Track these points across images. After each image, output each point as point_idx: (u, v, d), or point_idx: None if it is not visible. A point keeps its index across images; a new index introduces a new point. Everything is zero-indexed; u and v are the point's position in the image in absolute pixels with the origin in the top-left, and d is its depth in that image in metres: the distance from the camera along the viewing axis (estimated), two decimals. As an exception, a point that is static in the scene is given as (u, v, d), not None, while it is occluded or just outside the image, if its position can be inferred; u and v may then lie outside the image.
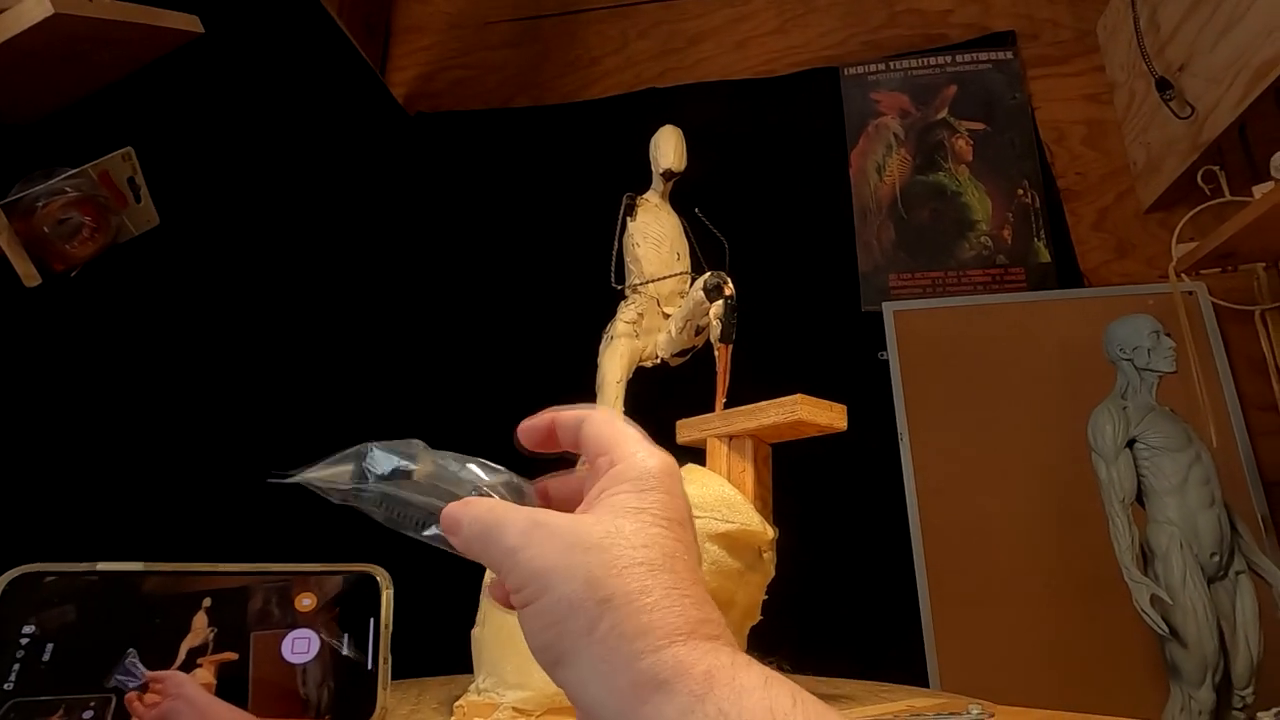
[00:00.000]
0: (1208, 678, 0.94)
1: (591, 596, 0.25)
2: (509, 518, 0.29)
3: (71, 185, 0.84)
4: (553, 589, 0.26)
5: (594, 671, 0.25)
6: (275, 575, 0.47)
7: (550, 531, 0.28)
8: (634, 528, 0.27)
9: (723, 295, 0.77)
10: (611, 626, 0.25)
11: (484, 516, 0.30)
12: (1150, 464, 1.03)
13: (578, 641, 0.25)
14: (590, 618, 0.25)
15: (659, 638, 0.25)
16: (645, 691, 0.24)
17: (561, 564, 0.26)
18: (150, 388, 1.02)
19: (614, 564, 0.26)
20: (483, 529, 0.29)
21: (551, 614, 0.26)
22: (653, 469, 0.30)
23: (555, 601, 0.26)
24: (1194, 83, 1.27)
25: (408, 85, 1.88)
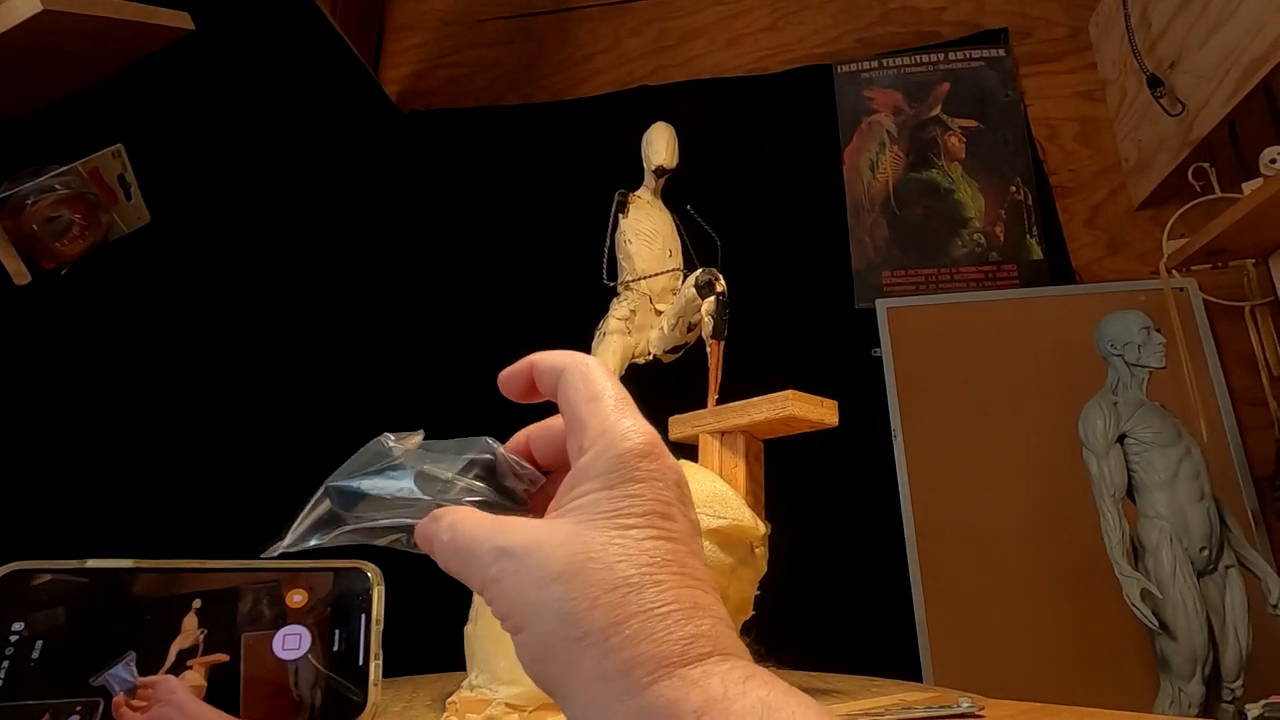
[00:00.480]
0: (1197, 671, 0.95)
1: (566, 635, 0.24)
2: (478, 542, 0.27)
3: (61, 183, 0.83)
4: (528, 627, 0.25)
5: (586, 712, 0.24)
6: (266, 572, 0.46)
7: (518, 563, 0.25)
8: (604, 540, 0.25)
9: (715, 292, 0.77)
10: (591, 668, 0.23)
11: (455, 539, 0.28)
12: (1141, 459, 1.04)
13: (561, 682, 0.24)
14: (569, 659, 0.24)
15: (644, 674, 0.23)
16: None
17: (531, 599, 0.25)
18: (141, 386, 1.02)
19: (584, 595, 0.24)
20: (460, 556, 0.27)
21: (531, 653, 0.25)
22: (629, 451, 0.27)
23: (534, 639, 0.24)
24: (1185, 80, 1.28)
25: (400, 83, 1.87)
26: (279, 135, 1.34)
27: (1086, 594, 1.18)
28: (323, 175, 1.45)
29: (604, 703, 0.23)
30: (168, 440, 1.04)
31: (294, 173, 1.37)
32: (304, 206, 1.39)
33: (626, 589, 0.24)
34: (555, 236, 1.53)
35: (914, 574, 1.28)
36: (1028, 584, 1.23)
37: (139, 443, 1.00)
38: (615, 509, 0.26)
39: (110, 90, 0.95)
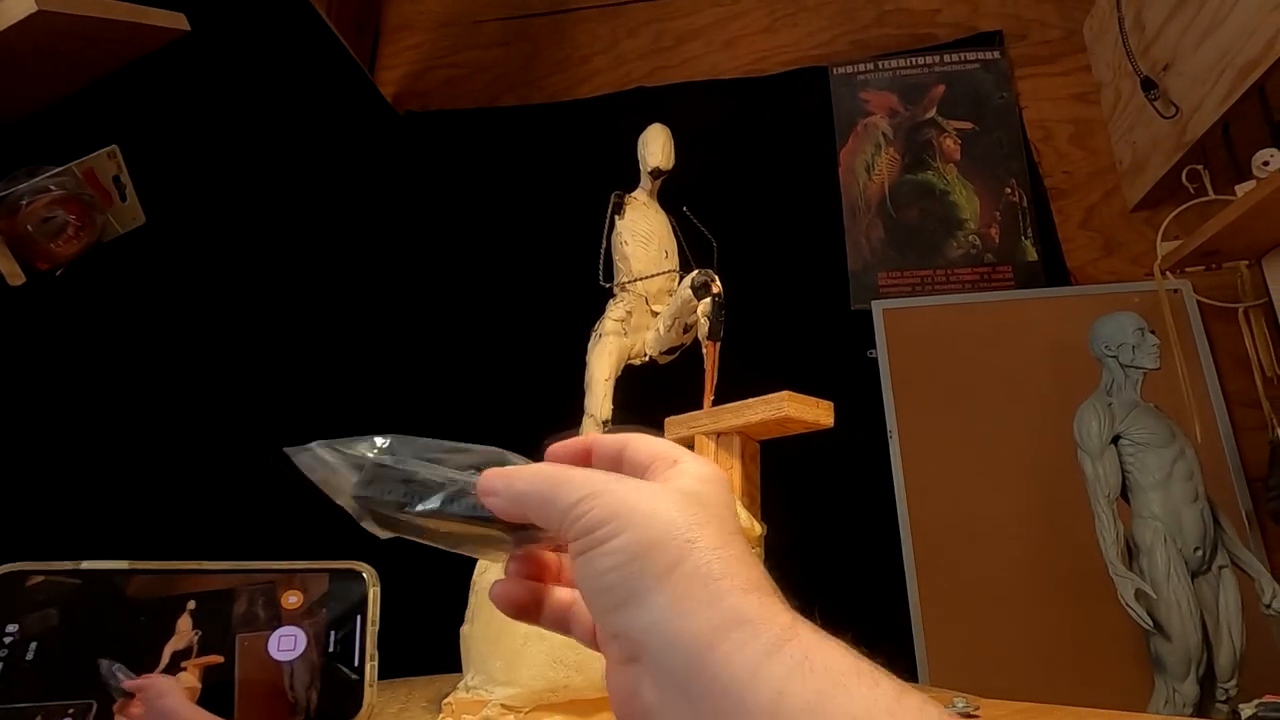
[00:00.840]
0: (1192, 671, 0.96)
1: (677, 537, 0.26)
2: (578, 470, 0.29)
3: (56, 183, 0.83)
4: (632, 528, 0.26)
5: (670, 610, 0.24)
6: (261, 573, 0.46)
7: (630, 482, 0.28)
8: (707, 497, 0.28)
9: (710, 293, 0.77)
10: (695, 567, 0.25)
11: (544, 471, 0.30)
12: (1135, 459, 1.04)
13: (654, 580, 0.25)
14: (673, 556, 0.25)
15: (742, 583, 0.25)
16: (726, 628, 0.24)
17: (642, 508, 0.27)
18: (136, 387, 1.02)
19: (695, 515, 0.26)
20: (543, 482, 0.29)
21: (627, 552, 0.26)
22: (711, 470, 0.30)
23: (634, 540, 0.26)
24: (1178, 82, 1.29)
25: (397, 84, 1.87)
26: (275, 136, 1.34)
27: (1081, 594, 1.18)
28: (318, 176, 1.45)
29: (700, 596, 0.24)
30: (163, 441, 1.04)
31: (290, 174, 1.37)
32: (300, 208, 1.39)
33: (726, 530, 0.27)
34: (551, 238, 1.53)
35: (910, 574, 1.28)
36: (1023, 584, 1.23)
37: (134, 444, 1.00)
38: (706, 493, 0.29)
39: (105, 91, 0.95)
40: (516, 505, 0.30)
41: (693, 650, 0.24)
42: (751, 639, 0.23)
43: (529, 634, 0.67)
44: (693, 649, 0.24)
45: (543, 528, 0.30)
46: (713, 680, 0.23)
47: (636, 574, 0.25)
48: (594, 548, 0.26)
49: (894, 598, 1.27)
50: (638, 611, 0.25)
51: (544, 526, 0.29)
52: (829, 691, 0.22)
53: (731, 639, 0.23)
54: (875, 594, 1.29)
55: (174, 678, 0.41)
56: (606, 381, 0.84)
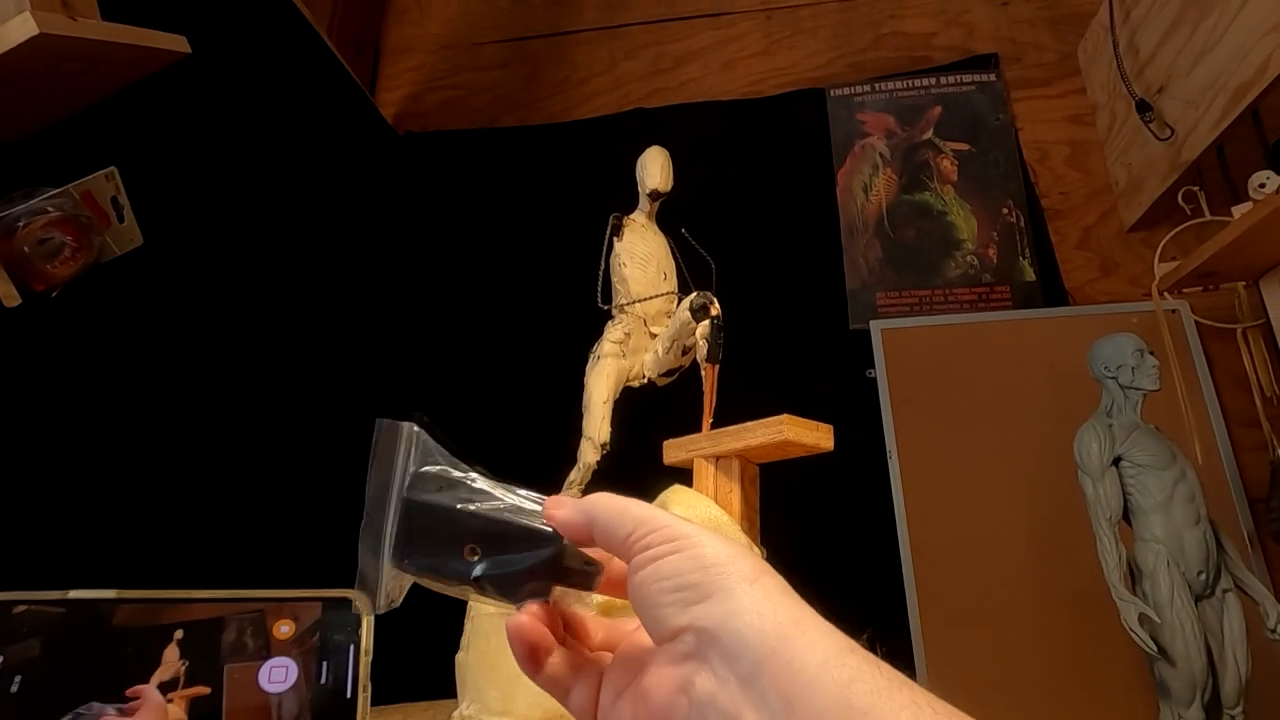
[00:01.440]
0: (1197, 696, 0.94)
1: (754, 556, 0.29)
2: (647, 509, 0.32)
3: (53, 205, 0.83)
4: (711, 541, 0.29)
5: (750, 608, 0.27)
6: (252, 602, 0.46)
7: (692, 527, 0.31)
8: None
9: (709, 315, 0.77)
10: (775, 582, 0.28)
11: (618, 501, 0.33)
12: (1136, 481, 1.04)
13: (739, 581, 0.27)
14: (754, 570, 0.28)
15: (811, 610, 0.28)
16: (805, 625, 0.26)
17: (718, 530, 0.31)
18: (133, 410, 1.01)
19: (753, 555, 0.30)
20: (618, 508, 0.32)
21: (712, 554, 0.28)
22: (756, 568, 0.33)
23: (720, 545, 0.29)
24: (1173, 105, 1.30)
25: (397, 105, 1.88)
26: (274, 157, 1.35)
27: (1083, 617, 1.17)
28: (319, 197, 1.45)
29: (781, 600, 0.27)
30: (159, 465, 1.03)
31: (290, 194, 1.37)
32: (300, 228, 1.39)
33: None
34: (550, 259, 1.54)
35: (910, 595, 1.26)
36: (1025, 606, 1.22)
37: (130, 467, 0.99)
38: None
39: (104, 112, 0.95)
40: (585, 513, 0.32)
41: (770, 639, 0.26)
42: (824, 638, 0.26)
43: (525, 661, 0.65)
44: (767, 639, 0.26)
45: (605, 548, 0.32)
46: (786, 666, 0.25)
47: (721, 574, 0.28)
48: (677, 552, 0.29)
49: (895, 618, 1.26)
50: (717, 605, 0.27)
51: (612, 537, 0.31)
52: (897, 684, 0.25)
53: (807, 635, 0.26)
54: (876, 615, 1.28)
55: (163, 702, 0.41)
56: (605, 404, 0.84)
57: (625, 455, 0.83)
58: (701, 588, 0.28)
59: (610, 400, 0.85)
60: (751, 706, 0.25)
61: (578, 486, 0.82)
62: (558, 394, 0.93)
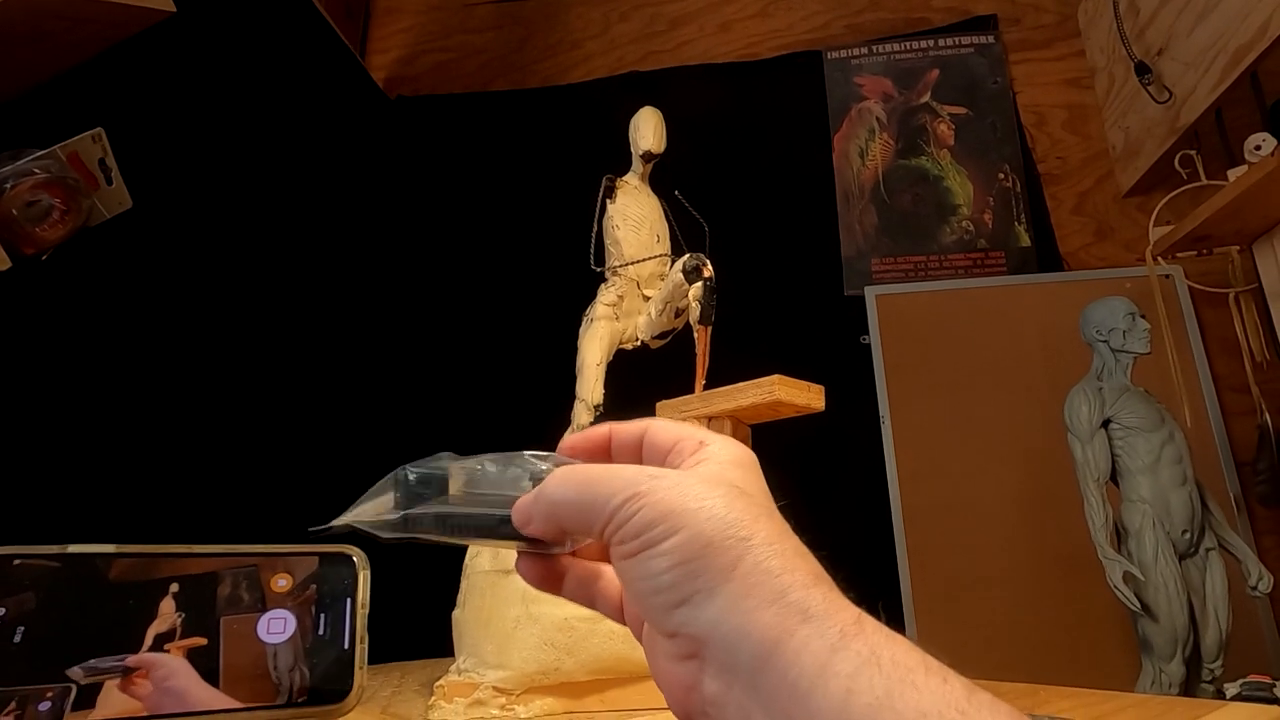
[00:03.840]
0: (1178, 651, 0.97)
1: (732, 535, 0.25)
2: (611, 471, 0.28)
3: (40, 167, 0.82)
4: (683, 529, 0.25)
5: (735, 607, 0.24)
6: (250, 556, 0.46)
7: (671, 480, 0.27)
8: (752, 488, 0.28)
9: (702, 277, 0.76)
10: (756, 563, 0.25)
11: (578, 476, 0.28)
12: (1124, 444, 1.05)
13: (715, 578, 0.25)
14: (733, 555, 0.25)
15: (804, 576, 0.25)
16: (793, 624, 0.23)
17: (692, 506, 0.26)
18: (123, 373, 1.01)
19: (746, 510, 0.26)
20: (579, 487, 0.28)
21: (684, 552, 0.25)
22: (743, 453, 0.30)
23: (689, 539, 0.25)
24: (1172, 67, 1.28)
25: (387, 68, 1.85)
26: (263, 119, 1.33)
27: (1071, 577, 1.19)
28: (308, 160, 1.44)
29: (764, 593, 0.24)
30: (149, 426, 1.03)
31: (279, 158, 1.36)
32: (289, 192, 1.38)
33: (777, 525, 0.27)
34: (543, 222, 1.53)
35: (901, 557, 1.29)
36: (1013, 567, 1.24)
37: (121, 429, 0.99)
38: (742, 480, 0.28)
39: (90, 73, 0.93)
40: (552, 520, 0.29)
41: (759, 647, 0.23)
42: (818, 635, 0.23)
43: (520, 618, 0.67)
44: (759, 646, 0.23)
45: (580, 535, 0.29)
46: (781, 677, 0.23)
47: (696, 573, 0.25)
48: (646, 549, 0.26)
49: (886, 580, 1.28)
50: (699, 610, 0.25)
51: (584, 534, 0.29)
52: (897, 688, 0.22)
53: (798, 635, 0.23)
54: (867, 576, 1.30)
55: (184, 658, 0.41)
56: (598, 366, 0.84)
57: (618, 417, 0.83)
58: (679, 588, 0.25)
59: (603, 362, 0.85)
60: (762, 711, 0.24)
61: (571, 448, 0.83)
62: (551, 357, 0.93)
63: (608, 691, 0.67)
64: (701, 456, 0.29)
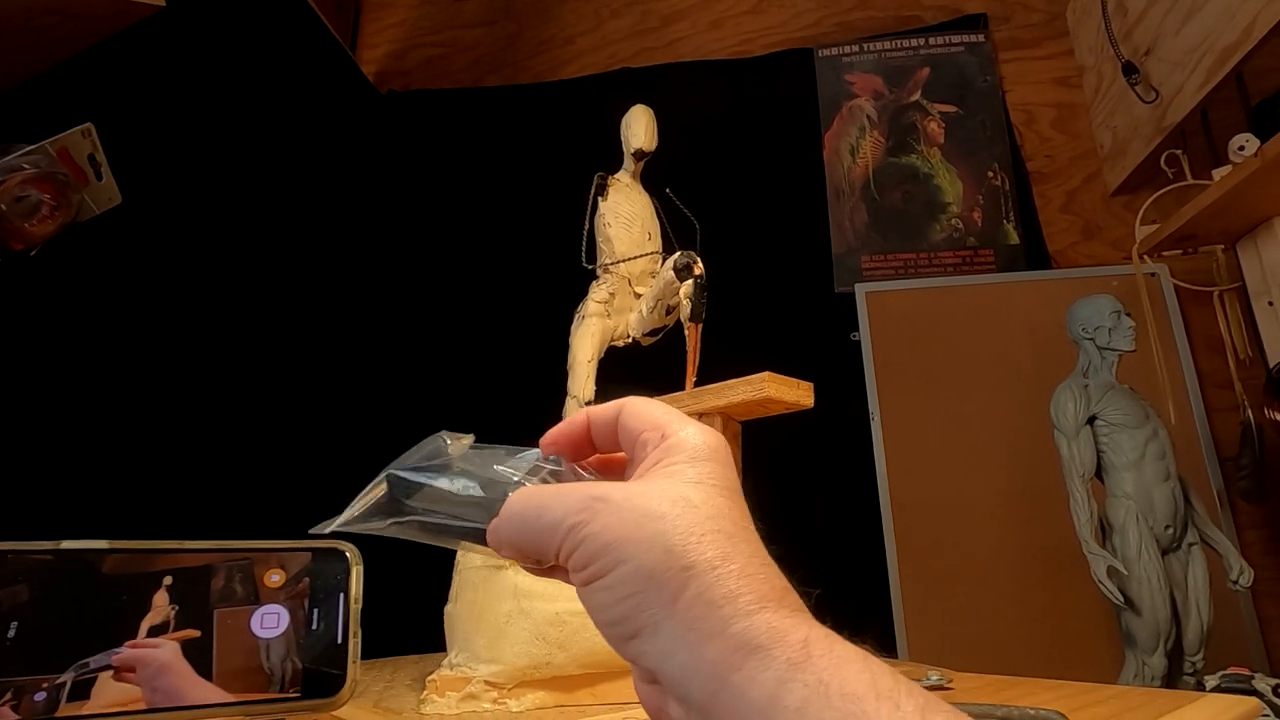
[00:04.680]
0: (1160, 644, 0.98)
1: (673, 565, 0.24)
2: (557, 497, 0.27)
3: (29, 162, 0.82)
4: (626, 561, 0.25)
5: (679, 641, 0.24)
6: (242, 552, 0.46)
7: (614, 505, 0.26)
8: (701, 496, 0.26)
9: (693, 275, 0.77)
10: (698, 594, 0.24)
11: (524, 504, 0.28)
12: (1109, 440, 1.06)
13: (659, 612, 0.24)
14: (674, 586, 0.24)
15: (749, 603, 0.24)
16: (738, 658, 0.23)
17: (634, 534, 0.25)
18: (113, 368, 1.01)
19: (690, 531, 0.25)
20: (521, 519, 0.28)
21: (627, 586, 0.25)
22: (706, 442, 0.29)
23: (632, 573, 0.25)
24: (1159, 67, 1.29)
25: (378, 63, 1.85)
26: (253, 114, 1.32)
27: (1056, 571, 1.21)
28: (299, 155, 1.43)
29: (707, 626, 0.23)
30: (140, 422, 1.03)
31: (269, 153, 1.35)
32: (279, 187, 1.38)
33: (727, 535, 0.25)
34: (535, 219, 1.53)
35: (890, 553, 1.30)
36: (1000, 562, 1.26)
37: (111, 425, 0.99)
38: (701, 477, 0.27)
39: (80, 68, 0.93)
40: (515, 548, 0.29)
41: (706, 683, 0.23)
42: (762, 669, 0.22)
43: (511, 612, 0.67)
44: (706, 681, 0.23)
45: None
46: (731, 712, 0.23)
47: (641, 606, 0.24)
48: (594, 580, 0.26)
49: (875, 575, 1.30)
50: (647, 644, 0.25)
51: (543, 561, 0.28)
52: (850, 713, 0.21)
53: (744, 670, 0.23)
54: (856, 571, 1.31)
55: (174, 645, 0.41)
56: (589, 363, 0.85)
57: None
58: (628, 623, 0.25)
59: (595, 359, 0.85)
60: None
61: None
62: (543, 353, 0.93)
63: (599, 685, 0.68)
64: (661, 455, 0.28)
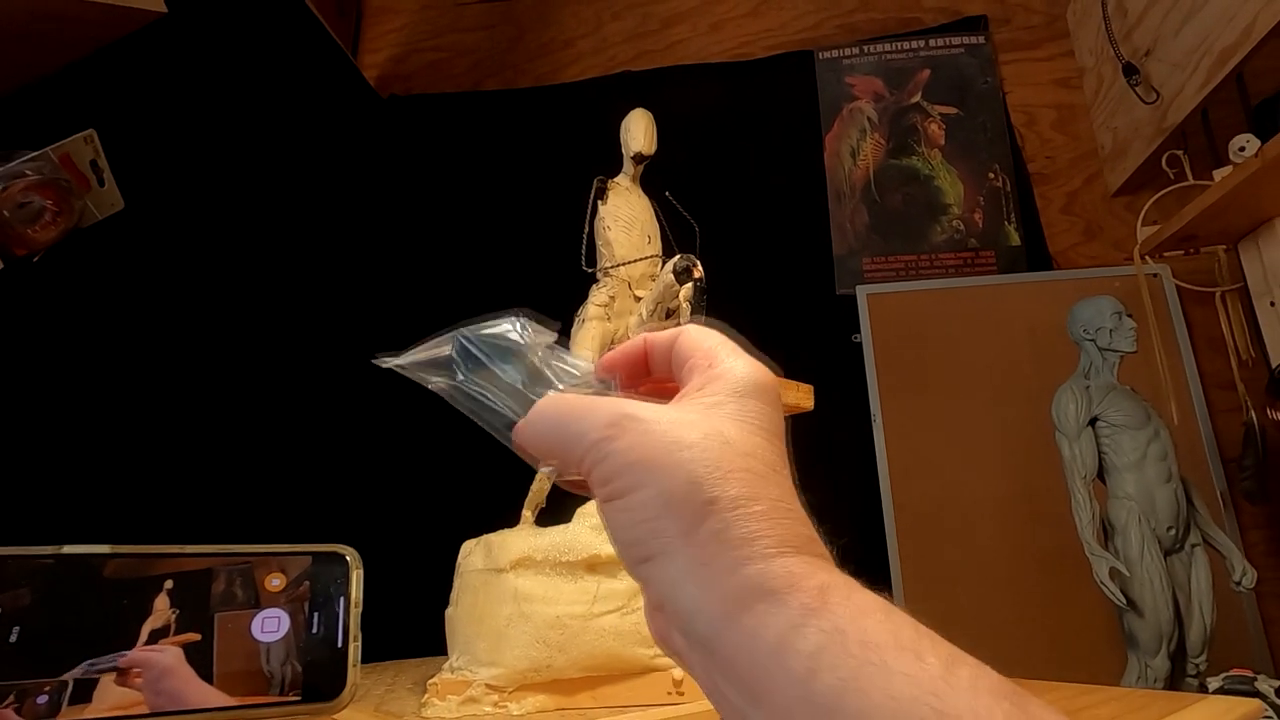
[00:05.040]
0: (1163, 646, 0.98)
1: (695, 497, 0.23)
2: (588, 408, 0.26)
3: (31, 168, 0.82)
4: (648, 485, 0.24)
5: (690, 574, 0.23)
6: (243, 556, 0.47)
7: (645, 425, 0.25)
8: (736, 432, 0.25)
9: (692, 278, 0.77)
10: (715, 531, 0.23)
11: (556, 409, 0.28)
12: (1111, 441, 1.06)
13: (673, 541, 0.23)
14: (691, 519, 0.23)
15: (767, 545, 0.23)
16: (749, 599, 0.22)
17: (660, 459, 0.24)
18: (115, 374, 1.01)
19: (718, 466, 0.24)
20: (556, 421, 0.27)
21: (645, 510, 0.24)
22: (754, 377, 0.28)
23: (651, 498, 0.24)
24: (1159, 68, 1.29)
25: (380, 67, 1.85)
26: (255, 119, 1.33)
27: (1058, 573, 1.21)
28: (301, 160, 1.44)
29: (721, 564, 0.22)
30: (141, 427, 1.04)
31: (271, 158, 1.36)
32: (282, 192, 1.38)
33: (757, 475, 0.25)
34: (535, 223, 1.53)
35: (892, 553, 1.30)
36: (1002, 563, 1.26)
37: (112, 432, 1.00)
38: (741, 413, 0.26)
39: (81, 74, 0.93)
40: (539, 450, 0.28)
41: (713, 620, 0.22)
42: (774, 613, 0.21)
43: (512, 616, 0.67)
44: (713, 619, 0.22)
45: None
46: (736, 651, 0.22)
47: (656, 532, 0.24)
48: (614, 499, 0.25)
49: (877, 577, 1.29)
50: (660, 571, 0.24)
51: (565, 469, 0.28)
52: (863, 670, 0.20)
53: (754, 611, 0.22)
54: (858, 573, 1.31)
55: (178, 650, 0.42)
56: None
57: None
58: (642, 546, 0.24)
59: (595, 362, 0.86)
60: (724, 679, 0.22)
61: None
62: (544, 357, 0.93)
63: (600, 688, 0.68)
64: (704, 382, 0.27)
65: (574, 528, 0.70)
